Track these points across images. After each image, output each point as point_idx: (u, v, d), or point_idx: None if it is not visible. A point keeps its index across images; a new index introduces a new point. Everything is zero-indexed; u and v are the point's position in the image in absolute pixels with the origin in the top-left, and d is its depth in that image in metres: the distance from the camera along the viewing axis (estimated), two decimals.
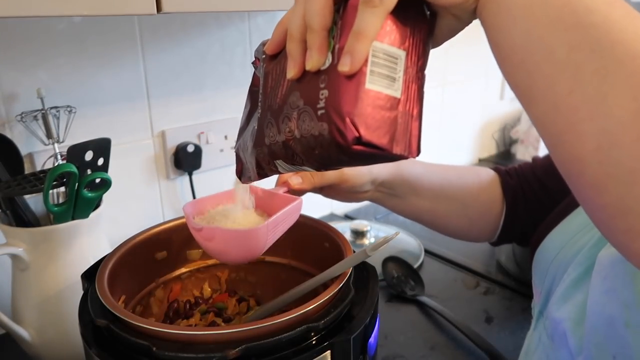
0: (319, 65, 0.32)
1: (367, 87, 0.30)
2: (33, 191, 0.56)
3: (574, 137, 0.28)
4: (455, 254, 0.96)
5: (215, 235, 0.45)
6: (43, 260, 0.58)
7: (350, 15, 0.30)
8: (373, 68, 0.30)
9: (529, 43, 0.29)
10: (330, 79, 0.31)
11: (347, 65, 0.29)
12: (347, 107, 0.30)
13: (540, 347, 0.54)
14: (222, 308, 0.60)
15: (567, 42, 0.28)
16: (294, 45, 0.33)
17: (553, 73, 0.28)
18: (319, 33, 0.31)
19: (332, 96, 0.30)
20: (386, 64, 0.30)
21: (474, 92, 1.49)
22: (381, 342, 0.69)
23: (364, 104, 0.30)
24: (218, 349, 0.37)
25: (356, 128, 0.30)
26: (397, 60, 0.31)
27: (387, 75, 0.31)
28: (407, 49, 0.31)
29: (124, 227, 0.74)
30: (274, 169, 0.40)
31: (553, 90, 0.28)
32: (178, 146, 0.87)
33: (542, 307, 0.56)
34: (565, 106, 0.28)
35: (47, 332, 0.60)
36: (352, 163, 0.33)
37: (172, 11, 0.49)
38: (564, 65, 0.28)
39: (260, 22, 0.92)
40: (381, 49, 0.30)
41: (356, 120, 0.29)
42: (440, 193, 0.67)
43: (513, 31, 0.30)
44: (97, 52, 0.75)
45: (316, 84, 0.32)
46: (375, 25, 0.29)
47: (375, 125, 0.30)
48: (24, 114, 0.67)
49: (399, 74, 0.31)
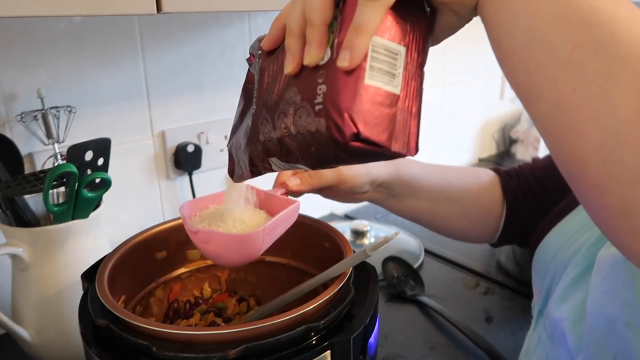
0: (317, 60, 0.31)
1: (366, 83, 0.29)
2: (33, 191, 0.56)
3: (577, 136, 0.28)
4: (455, 254, 0.96)
5: (211, 238, 0.44)
6: (43, 260, 0.58)
7: (350, 10, 0.30)
8: (373, 63, 0.29)
9: (531, 40, 0.29)
10: (329, 74, 0.30)
11: (347, 60, 0.29)
12: (345, 102, 0.29)
13: (540, 347, 0.54)
14: (222, 308, 0.60)
15: (571, 39, 0.27)
16: (293, 40, 0.33)
17: (555, 71, 0.28)
18: (319, 28, 0.31)
19: (330, 91, 0.30)
20: (386, 59, 0.30)
21: (474, 92, 1.49)
22: (381, 342, 0.69)
23: (363, 99, 0.29)
24: (218, 349, 0.37)
25: (354, 124, 0.29)
26: (397, 56, 0.30)
27: (387, 71, 0.30)
28: (407, 44, 0.31)
29: (124, 227, 0.75)
30: (268, 167, 0.39)
31: (555, 88, 0.28)
32: (178, 146, 0.87)
33: (542, 306, 0.56)
34: (568, 105, 0.28)
35: (47, 332, 0.60)
36: (349, 161, 0.33)
37: (172, 11, 0.49)
38: (567, 64, 0.27)
39: (260, 22, 0.92)
40: (381, 45, 0.30)
41: (355, 116, 0.29)
42: (439, 194, 0.67)
43: (515, 27, 0.29)
44: (97, 51, 0.75)
45: (314, 79, 0.31)
46: (375, 19, 0.29)
47: (374, 122, 0.29)
48: (24, 114, 0.67)
49: (399, 70, 0.30)
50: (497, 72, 1.49)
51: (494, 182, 0.69)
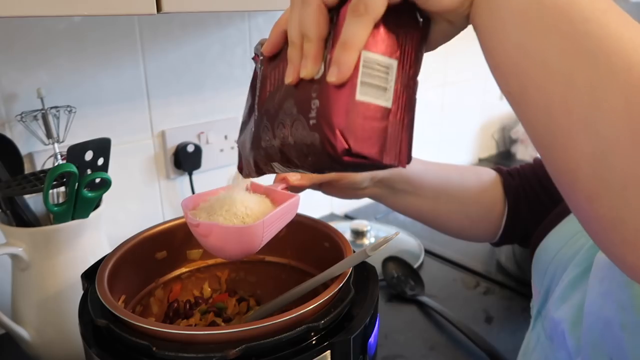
0: (312, 74, 0.31)
1: (357, 99, 0.29)
2: (33, 191, 0.56)
3: (567, 143, 0.28)
4: (455, 254, 0.96)
5: (212, 231, 0.45)
6: (43, 260, 0.58)
7: (342, 25, 0.30)
8: (364, 79, 0.29)
9: (522, 50, 0.28)
10: (322, 89, 0.30)
11: (334, 75, 0.29)
12: (337, 119, 0.29)
13: (539, 347, 0.55)
14: (222, 308, 0.60)
15: (561, 50, 0.27)
16: (295, 51, 0.33)
17: (545, 80, 0.28)
18: (314, 43, 0.31)
19: (322, 107, 0.30)
20: (377, 74, 0.30)
21: (474, 92, 1.49)
22: (381, 342, 0.69)
23: (354, 116, 0.29)
24: (218, 349, 0.37)
25: (346, 140, 0.29)
26: (388, 69, 0.30)
27: (378, 85, 0.30)
28: (399, 57, 0.31)
29: (124, 227, 0.74)
30: (271, 170, 0.40)
31: (546, 96, 0.28)
32: (178, 146, 0.87)
33: (541, 306, 0.56)
34: (558, 113, 0.27)
35: (47, 332, 0.60)
36: (345, 171, 0.34)
37: (172, 11, 0.49)
38: (557, 74, 0.27)
39: (260, 22, 0.92)
40: (372, 59, 0.30)
41: (346, 132, 0.29)
42: (441, 192, 0.67)
43: (506, 37, 0.29)
44: (97, 51, 0.75)
45: (309, 92, 0.31)
46: (361, 35, 0.29)
47: (365, 137, 0.30)
48: (24, 113, 0.67)
49: (391, 84, 0.30)
50: None
51: (495, 181, 0.69)
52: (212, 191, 0.51)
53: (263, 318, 0.41)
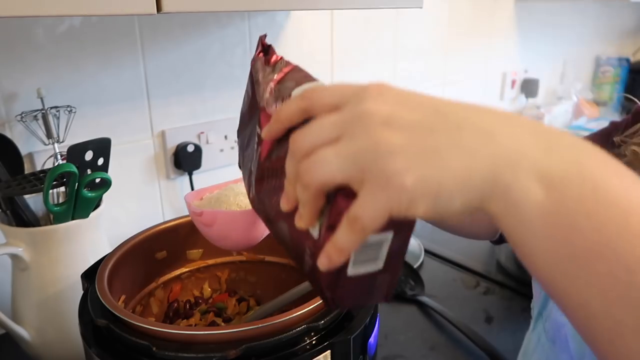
0: (307, 227, 0.30)
1: (349, 275, 0.29)
2: (33, 191, 0.56)
3: (614, 337, 0.26)
4: (455, 253, 0.96)
5: (216, 218, 0.44)
6: (43, 260, 0.58)
7: (337, 208, 0.28)
8: (357, 257, 0.29)
9: (555, 276, 0.26)
10: (315, 255, 0.29)
11: (325, 266, 0.28)
12: (327, 290, 0.30)
13: (540, 348, 0.54)
14: (222, 308, 0.60)
15: (601, 291, 0.25)
16: (290, 187, 0.31)
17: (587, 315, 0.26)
18: (309, 205, 0.29)
19: (315, 271, 0.30)
20: (370, 251, 0.29)
21: (474, 92, 1.49)
22: (381, 342, 0.69)
23: (345, 288, 0.30)
24: (218, 349, 0.37)
25: (335, 303, 0.31)
26: (382, 243, 0.29)
27: (371, 258, 0.29)
28: (394, 228, 0.28)
29: (124, 227, 0.75)
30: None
31: (587, 308, 0.26)
32: (178, 146, 0.87)
33: (542, 307, 0.56)
34: (600, 318, 0.26)
35: (47, 332, 0.60)
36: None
37: (172, 11, 0.49)
38: (602, 318, 0.26)
39: (260, 22, 0.92)
40: (367, 241, 0.28)
41: (336, 299, 0.30)
42: None
43: (537, 256, 0.26)
44: (97, 51, 0.75)
45: (303, 242, 0.31)
46: (352, 245, 0.27)
47: (354, 297, 0.30)
48: (24, 113, 0.67)
49: (384, 252, 0.29)
50: (497, 72, 1.49)
51: None
52: (214, 187, 0.51)
53: (263, 318, 0.41)
